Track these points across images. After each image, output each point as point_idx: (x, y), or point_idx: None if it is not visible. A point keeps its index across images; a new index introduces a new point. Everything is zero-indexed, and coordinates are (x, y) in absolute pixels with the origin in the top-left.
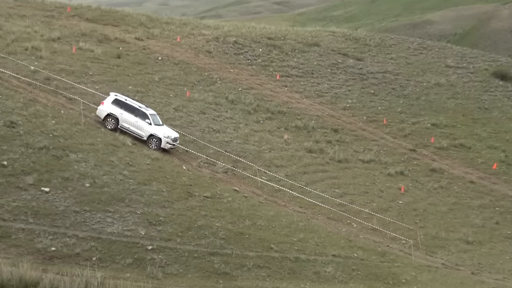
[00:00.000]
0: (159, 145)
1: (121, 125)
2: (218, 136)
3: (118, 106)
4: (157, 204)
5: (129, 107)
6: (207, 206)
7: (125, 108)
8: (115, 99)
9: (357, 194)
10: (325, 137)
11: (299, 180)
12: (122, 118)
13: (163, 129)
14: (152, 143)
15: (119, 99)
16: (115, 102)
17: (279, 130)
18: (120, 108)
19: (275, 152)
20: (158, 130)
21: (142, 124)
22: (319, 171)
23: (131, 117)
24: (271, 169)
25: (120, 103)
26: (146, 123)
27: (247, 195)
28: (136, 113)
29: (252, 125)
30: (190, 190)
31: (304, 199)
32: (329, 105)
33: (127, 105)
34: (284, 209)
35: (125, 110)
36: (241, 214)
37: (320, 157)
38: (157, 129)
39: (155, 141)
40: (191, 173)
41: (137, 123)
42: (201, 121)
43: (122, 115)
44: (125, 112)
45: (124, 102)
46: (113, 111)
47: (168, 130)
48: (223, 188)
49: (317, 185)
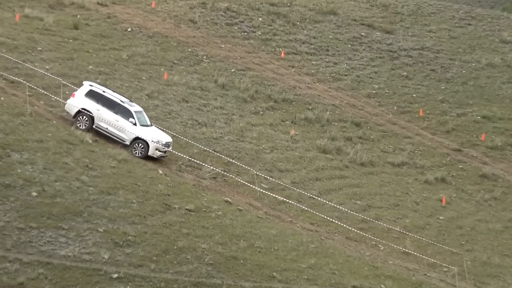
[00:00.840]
0: (146, 152)
1: (97, 124)
2: (205, 131)
3: (93, 99)
4: (125, 219)
5: (107, 102)
6: (190, 222)
7: (103, 103)
8: (90, 91)
9: (385, 208)
10: (344, 133)
11: (310, 188)
12: (98, 116)
13: (152, 131)
14: (137, 149)
15: (95, 90)
16: (90, 94)
17: (284, 123)
18: (97, 103)
19: (278, 152)
20: (144, 133)
21: (124, 124)
22: (336, 177)
23: (110, 115)
24: (273, 175)
25: (96, 96)
26: (129, 123)
27: (242, 208)
28: (117, 109)
29: (249, 117)
30: (168, 202)
31: (316, 214)
32: (349, 91)
33: (105, 98)
34: (290, 226)
35: (102, 105)
36: (234, 232)
37: (337, 159)
38: (144, 131)
39: (140, 147)
40: (169, 179)
41: (118, 122)
42: (182, 112)
43: (99, 111)
44: (103, 108)
45: (102, 94)
46: (87, 106)
47: (157, 132)
48: (211, 198)
49: (333, 196)
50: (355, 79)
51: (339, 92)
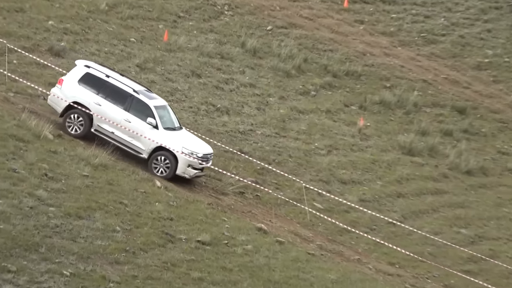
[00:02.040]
0: (173, 169)
1: (98, 126)
2: (227, 121)
3: (92, 88)
4: (104, 256)
5: (114, 92)
6: (203, 261)
7: (106, 93)
8: (87, 75)
9: (505, 239)
10: (440, 124)
11: (388, 209)
12: (99, 113)
13: (182, 136)
14: (159, 165)
15: (94, 74)
16: (87, 80)
17: (348, 110)
18: (97, 93)
19: (339, 153)
20: (171, 140)
21: (139, 127)
22: (428, 192)
23: (118, 112)
24: (331, 188)
25: (96, 83)
26: (147, 125)
27: (284, 239)
28: (129, 103)
29: (294, 99)
30: (171, 230)
31: (398, 249)
32: (448, 60)
33: (111, 86)
34: (357, 267)
35: (105, 96)
36: (271, 277)
37: (430, 165)
38: (170, 137)
39: (164, 162)
40: (172, 196)
41: (130, 124)
42: (192, 92)
43: (100, 107)
44: (106, 101)
45: (104, 80)
46: (82, 98)
47: (191, 139)
48: (236, 225)
49: (423, 220)
50: (457, 42)
51: (433, 61)
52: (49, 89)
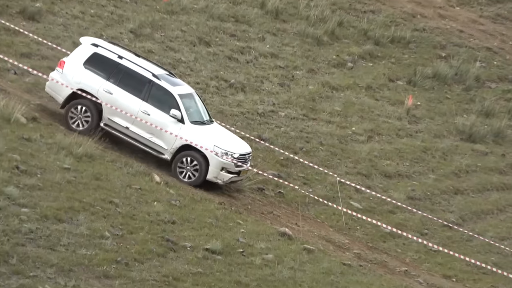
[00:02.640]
0: (203, 173)
1: (108, 120)
2: (243, 100)
3: (101, 71)
4: (91, 268)
5: (128, 77)
6: (213, 274)
7: (119, 78)
8: (94, 55)
9: None
10: (508, 102)
11: (443, 209)
12: (110, 103)
13: (213, 132)
14: (185, 168)
15: (103, 55)
16: (94, 62)
17: (394, 85)
18: (107, 79)
19: (383, 140)
20: (200, 136)
21: (160, 120)
22: (494, 187)
23: (134, 102)
24: (373, 183)
25: (106, 65)
26: (170, 118)
27: (314, 246)
28: (147, 91)
29: (326, 72)
30: (173, 235)
31: (456, 257)
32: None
33: (124, 70)
34: (405, 281)
35: (118, 83)
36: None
37: (495, 154)
38: (199, 132)
39: (192, 164)
40: (174, 193)
41: (149, 117)
42: (199, 63)
43: (112, 96)
44: (119, 88)
45: (117, 62)
46: (89, 85)
47: (224, 135)
48: (254, 229)
49: (487, 223)
50: None
51: (500, 24)
52: (22, 61)
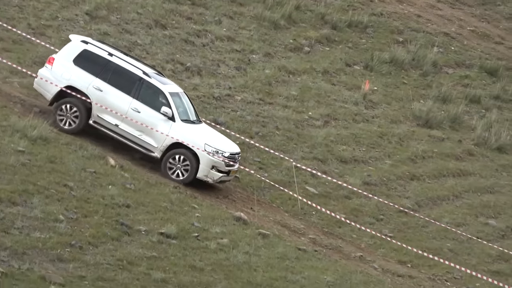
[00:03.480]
0: (193, 172)
1: (97, 117)
2: (199, 84)
3: (90, 68)
4: (45, 252)
5: (118, 74)
6: (168, 258)
7: (109, 76)
8: (84, 53)
9: None
10: (466, 88)
11: (399, 195)
12: (99, 101)
13: (203, 131)
14: (176, 166)
15: (93, 52)
16: (84, 59)
17: (351, 70)
18: (96, 76)
19: (339, 125)
20: (190, 134)
21: (150, 118)
22: (450, 173)
23: (123, 100)
24: (328, 168)
25: (95, 63)
26: (160, 116)
27: (269, 231)
28: (137, 89)
29: (282, 56)
30: (127, 219)
31: (412, 244)
32: (475, 8)
33: (114, 67)
34: (360, 267)
35: (108, 80)
36: (253, 279)
37: (452, 139)
38: (189, 131)
39: (182, 162)
40: (129, 177)
41: (139, 114)
42: (155, 46)
43: (102, 93)
44: (109, 85)
45: (107, 60)
46: (79, 81)
47: (214, 134)
48: (209, 214)
49: (443, 209)
50: None
51: (458, 9)
52: None
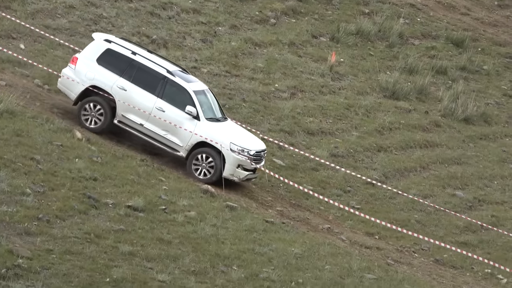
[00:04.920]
0: (218, 170)
1: (122, 117)
2: (165, 55)
3: (114, 68)
4: (11, 225)
5: (142, 73)
6: (135, 231)
7: (133, 75)
8: (108, 52)
9: (511, 203)
10: (432, 59)
11: (366, 167)
12: (124, 100)
13: (228, 129)
14: (201, 165)
15: (116, 51)
16: (108, 58)
17: (316, 42)
18: (120, 75)
19: (305, 96)
20: (216, 133)
21: (175, 117)
22: (417, 144)
23: (148, 99)
24: (296, 140)
25: (120, 61)
26: (185, 115)
27: (236, 204)
28: (161, 88)
29: (248, 28)
30: (95, 192)
31: (379, 216)
32: None
33: (138, 66)
34: (327, 239)
35: (132, 79)
36: (219, 251)
37: (418, 111)
38: (214, 129)
39: (207, 161)
40: (95, 150)
41: (164, 113)
42: (120, 19)
43: (126, 92)
44: (133, 85)
45: (131, 59)
46: (103, 80)
47: (239, 132)
48: (176, 186)
49: (410, 181)
50: None
51: None
52: None
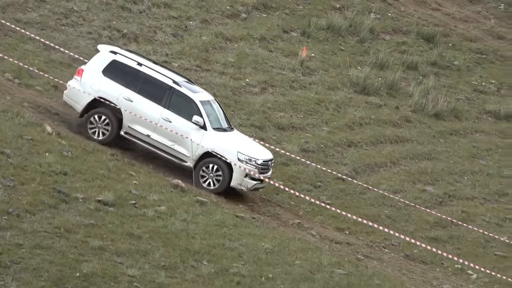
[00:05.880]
0: (226, 180)
1: (128, 128)
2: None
3: (120, 79)
4: None
5: (149, 84)
6: (105, 226)
7: (139, 86)
8: (113, 64)
9: (481, 199)
10: (403, 55)
11: (336, 162)
12: (130, 110)
13: (235, 139)
14: (208, 175)
15: (122, 62)
16: (113, 70)
17: (287, 37)
18: (127, 86)
19: (276, 91)
20: (223, 143)
21: (182, 127)
22: (387, 140)
23: (154, 110)
24: (266, 135)
25: (126, 73)
26: (192, 125)
27: (207, 199)
28: (168, 98)
29: (219, 23)
30: (65, 187)
31: (350, 211)
32: None
33: (144, 77)
34: (297, 234)
35: (138, 90)
36: (190, 246)
37: (389, 106)
38: (221, 139)
39: (215, 171)
40: (65, 144)
41: (170, 124)
42: (91, 13)
43: (132, 103)
44: (139, 95)
45: (136, 70)
46: (108, 93)
47: (246, 142)
48: (147, 181)
49: (380, 176)
50: None
51: None
52: None
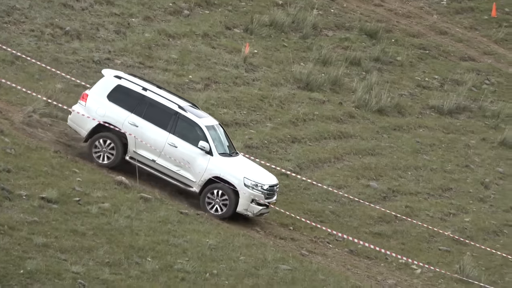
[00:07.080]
0: (232, 206)
1: (134, 153)
2: (78, 48)
3: (125, 104)
4: None
5: (154, 109)
6: (49, 223)
7: (144, 111)
8: (118, 88)
9: (424, 194)
10: (346, 51)
11: (280, 158)
12: (136, 135)
13: (241, 164)
14: (214, 201)
15: (127, 87)
16: (118, 93)
17: (230, 33)
18: (131, 111)
19: (219, 88)
20: (229, 168)
21: (188, 153)
22: (331, 135)
23: (160, 135)
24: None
25: (130, 97)
26: (197, 150)
27: (151, 195)
28: (173, 123)
29: (162, 20)
30: (8, 184)
31: (292, 207)
32: None
33: (149, 102)
34: (242, 230)
35: (143, 115)
36: (134, 243)
37: (332, 102)
38: (227, 164)
39: (221, 197)
40: (8, 141)
41: (176, 149)
42: (33, 10)
43: (137, 128)
44: (144, 120)
45: (141, 95)
46: (113, 117)
47: (251, 166)
48: (91, 178)
49: (324, 171)
50: None
51: None
52: None
